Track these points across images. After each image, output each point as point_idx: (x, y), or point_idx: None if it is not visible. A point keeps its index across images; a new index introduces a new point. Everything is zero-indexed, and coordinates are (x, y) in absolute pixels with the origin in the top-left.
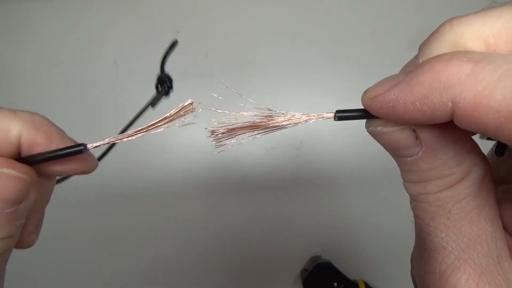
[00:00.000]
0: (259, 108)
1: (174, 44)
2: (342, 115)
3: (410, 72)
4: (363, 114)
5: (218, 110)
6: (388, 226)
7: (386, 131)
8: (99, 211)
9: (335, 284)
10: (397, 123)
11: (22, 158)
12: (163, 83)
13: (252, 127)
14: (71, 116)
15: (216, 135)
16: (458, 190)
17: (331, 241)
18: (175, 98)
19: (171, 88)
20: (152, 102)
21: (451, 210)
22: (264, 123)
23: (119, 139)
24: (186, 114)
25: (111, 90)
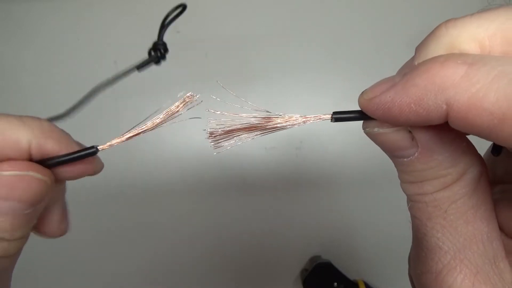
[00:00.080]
0: (257, 109)
1: (181, 8)
2: (339, 117)
3: (405, 74)
4: (359, 116)
5: (217, 112)
6: (388, 226)
7: (383, 132)
8: (98, 211)
9: (335, 284)
10: (393, 124)
11: (38, 162)
12: (157, 50)
13: (250, 128)
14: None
15: (215, 136)
16: (454, 190)
17: (331, 241)
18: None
19: (164, 58)
20: (140, 65)
21: (447, 210)
22: (262, 125)
23: (126, 138)
24: (187, 107)
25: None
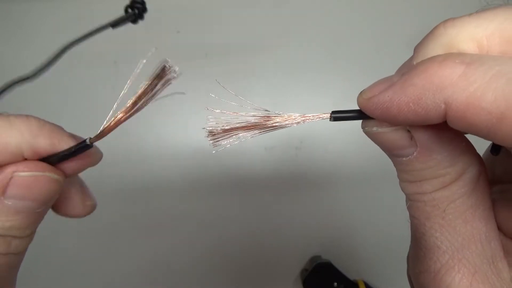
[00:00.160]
0: (256, 108)
1: None
2: (337, 116)
3: (404, 74)
4: (358, 115)
5: (216, 110)
6: (388, 226)
7: (381, 132)
8: (97, 210)
9: (335, 284)
10: (391, 123)
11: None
12: (134, 8)
13: (249, 127)
14: (71, 116)
15: (214, 134)
16: (452, 190)
17: (331, 241)
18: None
19: (142, 17)
20: (114, 23)
21: (446, 210)
22: (261, 123)
23: (116, 122)
24: (167, 78)
25: (111, 90)
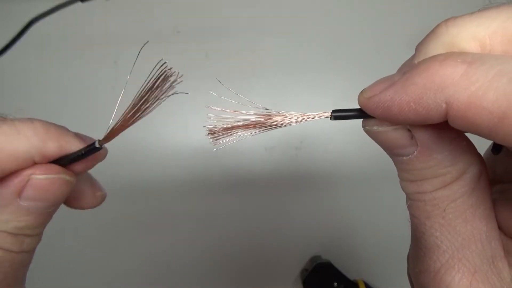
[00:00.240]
0: (256, 107)
1: None
2: (338, 115)
3: (405, 73)
4: (359, 114)
5: (217, 108)
6: (388, 226)
7: (382, 131)
8: (97, 210)
9: (335, 284)
10: (392, 122)
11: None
12: None
13: (250, 125)
14: (71, 116)
15: (214, 133)
16: (453, 189)
17: (331, 241)
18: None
19: None
20: None
21: (446, 209)
22: (261, 122)
23: (124, 124)
24: (170, 81)
25: (111, 90)
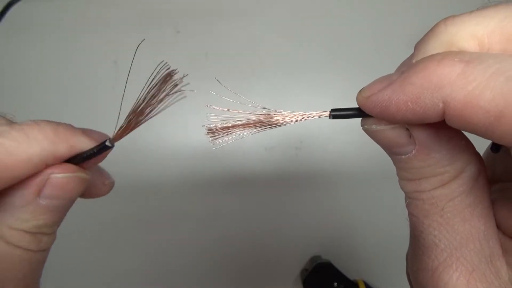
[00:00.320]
0: (255, 106)
1: None
2: (337, 114)
3: (403, 72)
4: (357, 113)
5: (217, 108)
6: (388, 226)
7: (380, 129)
8: (97, 210)
9: (335, 284)
10: (390, 122)
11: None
12: None
13: (249, 124)
14: (71, 116)
15: (213, 132)
16: (451, 188)
17: (331, 241)
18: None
19: None
20: None
21: (444, 208)
22: (260, 121)
23: (135, 123)
24: (171, 84)
25: (111, 90)
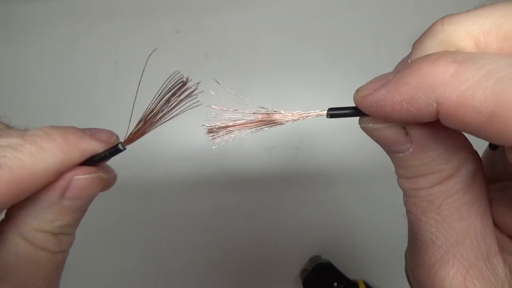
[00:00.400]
0: (254, 106)
1: None
2: (334, 113)
3: (398, 72)
4: (354, 112)
5: (216, 107)
6: (388, 226)
7: (377, 128)
8: (97, 210)
9: (335, 284)
10: (386, 120)
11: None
12: None
13: (248, 124)
14: (71, 116)
15: (213, 131)
16: (448, 186)
17: (331, 241)
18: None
19: None
20: None
21: (441, 206)
22: (259, 120)
23: (147, 127)
24: (183, 92)
25: (111, 90)
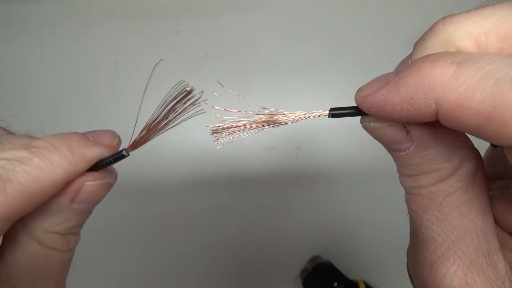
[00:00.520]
0: (255, 106)
1: None
2: (335, 113)
3: (398, 73)
4: (355, 112)
5: (219, 108)
6: (388, 226)
7: (378, 127)
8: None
9: (335, 284)
10: (387, 120)
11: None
12: None
13: (250, 125)
14: (71, 116)
15: (216, 132)
16: (448, 184)
17: (331, 241)
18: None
19: None
20: None
21: (442, 203)
22: (261, 121)
23: (150, 134)
24: (188, 101)
25: (111, 90)
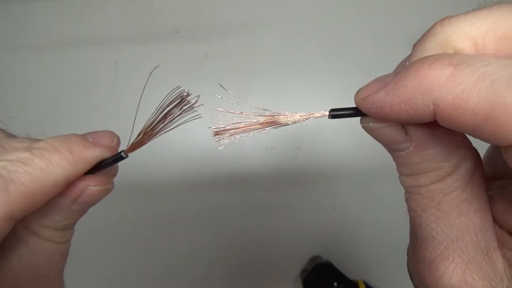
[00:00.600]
0: (256, 108)
1: None
2: (335, 114)
3: (397, 74)
4: (355, 112)
5: (220, 109)
6: (388, 226)
7: (377, 127)
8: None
9: (335, 284)
10: (386, 120)
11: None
12: None
13: (251, 126)
14: (71, 116)
15: (219, 133)
16: (447, 183)
17: (331, 241)
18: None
19: None
20: None
21: (441, 202)
22: (262, 122)
23: (148, 136)
24: (185, 106)
25: (111, 90)
